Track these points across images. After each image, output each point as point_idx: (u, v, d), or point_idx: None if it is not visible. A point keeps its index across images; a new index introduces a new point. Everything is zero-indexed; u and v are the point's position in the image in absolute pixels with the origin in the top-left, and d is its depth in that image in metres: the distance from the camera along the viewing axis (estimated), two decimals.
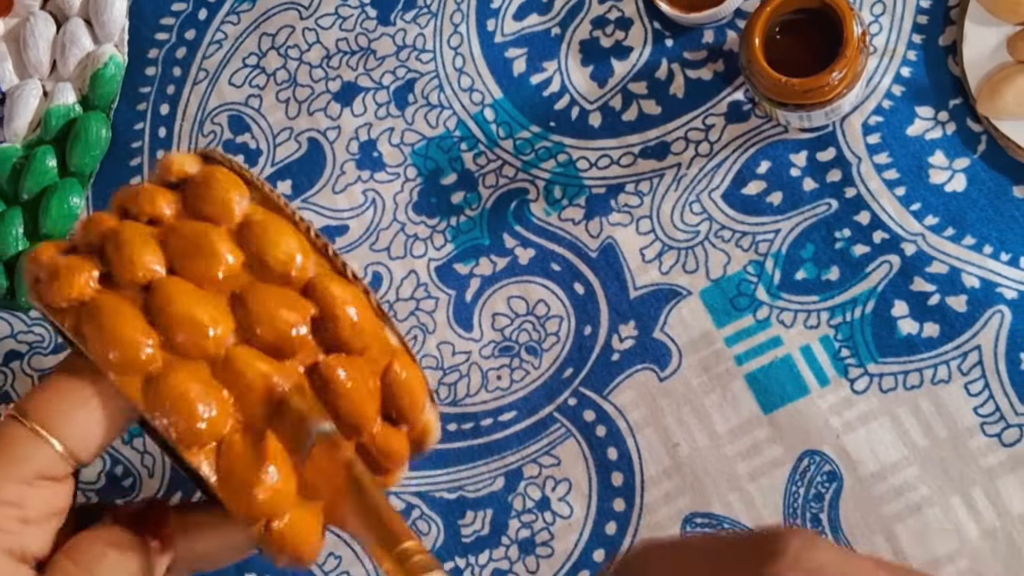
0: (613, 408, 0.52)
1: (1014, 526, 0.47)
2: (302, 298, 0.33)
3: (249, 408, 0.32)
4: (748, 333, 0.51)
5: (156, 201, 0.34)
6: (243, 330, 0.32)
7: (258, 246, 0.33)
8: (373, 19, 0.59)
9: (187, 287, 0.32)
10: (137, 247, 0.32)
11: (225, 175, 0.34)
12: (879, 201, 0.51)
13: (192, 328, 0.31)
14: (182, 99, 0.61)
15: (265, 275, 0.33)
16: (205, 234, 0.33)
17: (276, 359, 0.32)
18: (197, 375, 0.31)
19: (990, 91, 0.49)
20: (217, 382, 0.32)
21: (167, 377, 0.31)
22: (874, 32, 0.52)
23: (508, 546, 0.53)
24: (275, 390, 0.31)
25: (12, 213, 0.60)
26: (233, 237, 0.33)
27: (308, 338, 0.33)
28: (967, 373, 0.49)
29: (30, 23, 0.62)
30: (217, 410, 0.31)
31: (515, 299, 0.54)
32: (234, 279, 0.33)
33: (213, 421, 0.31)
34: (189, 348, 0.31)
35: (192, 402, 0.31)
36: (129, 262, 0.32)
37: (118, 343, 0.31)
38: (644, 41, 0.55)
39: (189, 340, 0.31)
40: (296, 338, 0.32)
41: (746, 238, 0.52)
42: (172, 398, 0.31)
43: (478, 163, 0.56)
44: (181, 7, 0.62)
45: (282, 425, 0.32)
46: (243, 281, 0.33)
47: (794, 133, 0.52)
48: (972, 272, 0.49)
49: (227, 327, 0.32)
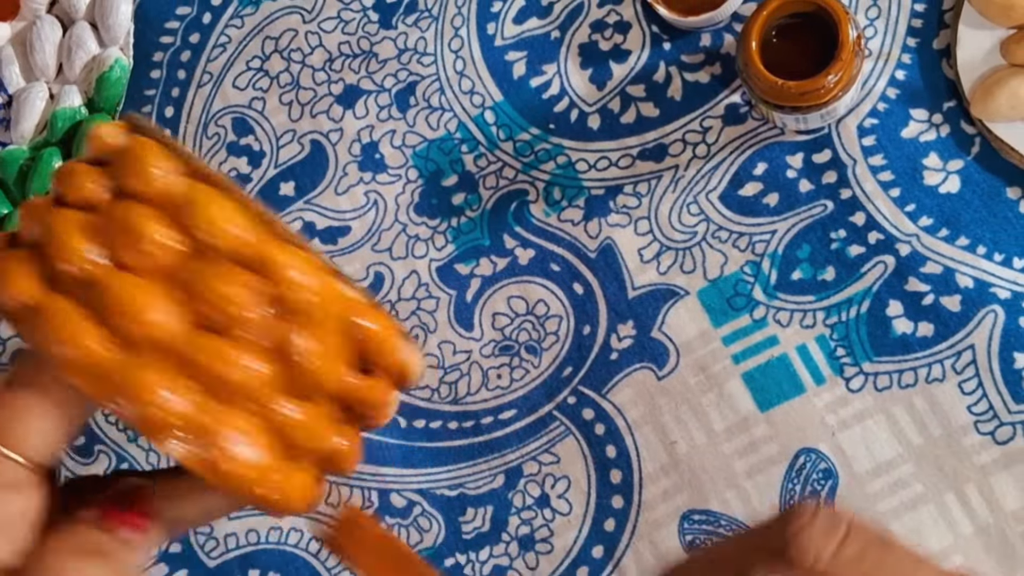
0: (612, 406, 0.52)
1: (1007, 523, 0.47)
2: (245, 271, 0.31)
3: (211, 386, 0.31)
4: (745, 332, 0.51)
5: (83, 184, 0.31)
6: (191, 312, 0.31)
7: (191, 221, 0.31)
8: (375, 23, 0.59)
9: (127, 278, 0.31)
10: (66, 240, 0.31)
11: (144, 147, 0.32)
12: (874, 202, 0.51)
13: (137, 318, 0.31)
14: (187, 102, 0.61)
15: (203, 251, 0.31)
16: (135, 215, 0.31)
17: (229, 336, 0.31)
18: (151, 364, 0.31)
19: (983, 94, 0.49)
20: (173, 366, 0.31)
21: (122, 370, 0.31)
22: (869, 36, 0.52)
23: (508, 542, 0.53)
24: (234, 372, 0.31)
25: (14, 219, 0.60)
26: (165, 214, 0.31)
27: (258, 311, 0.31)
28: (961, 372, 0.49)
29: (37, 27, 0.62)
30: (176, 395, 0.31)
31: (515, 299, 0.54)
32: (172, 259, 0.31)
33: (173, 406, 0.31)
34: (138, 338, 0.31)
35: (151, 391, 0.30)
36: (61, 258, 0.31)
37: (67, 344, 0.30)
38: (642, 44, 0.55)
39: (137, 331, 0.31)
40: (245, 314, 0.31)
41: (743, 239, 0.52)
42: (130, 389, 0.30)
43: (479, 165, 0.56)
44: (186, 11, 0.62)
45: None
46: (182, 261, 0.31)
47: (790, 135, 0.52)
48: (966, 272, 0.49)
49: (173, 312, 0.31)
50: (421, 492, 0.54)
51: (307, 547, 0.55)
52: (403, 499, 0.54)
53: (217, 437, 0.31)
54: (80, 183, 0.31)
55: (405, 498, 0.54)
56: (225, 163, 0.60)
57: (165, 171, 0.31)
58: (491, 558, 0.53)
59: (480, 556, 0.53)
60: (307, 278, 0.32)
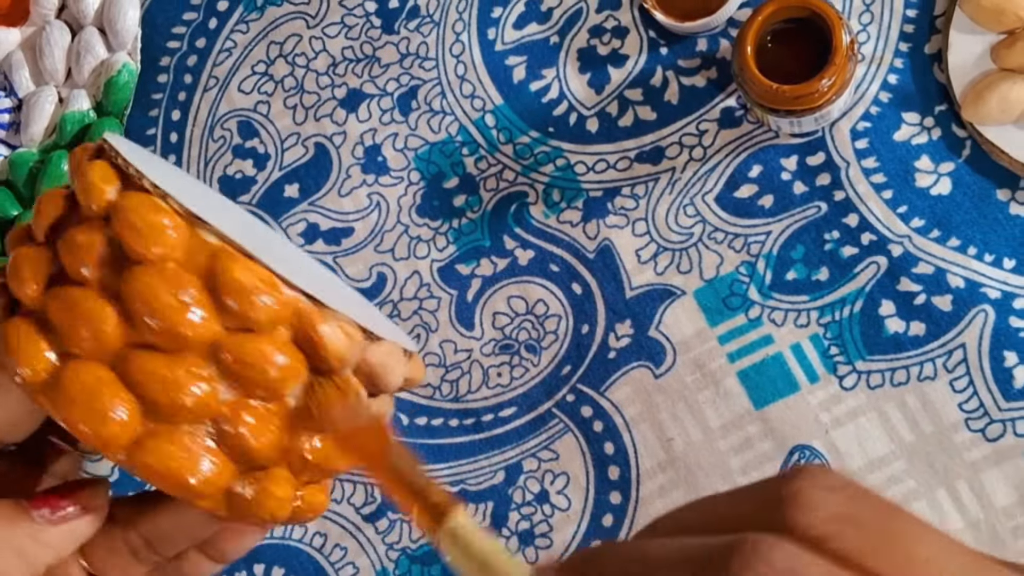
0: (610, 404, 0.52)
1: (997, 518, 0.47)
2: (184, 274, 0.29)
3: (155, 405, 0.30)
4: (740, 332, 0.51)
5: (86, 256, 0.29)
6: (135, 330, 0.29)
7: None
8: (378, 28, 0.59)
9: (72, 292, 0.29)
10: (24, 274, 0.30)
11: (141, 209, 0.29)
12: (867, 204, 0.51)
13: (85, 331, 0.29)
14: (193, 105, 0.61)
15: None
16: (151, 291, 0.29)
17: (173, 350, 0.29)
18: (99, 380, 0.29)
19: (974, 98, 0.49)
20: (123, 385, 0.30)
21: (66, 385, 0.30)
22: (862, 40, 0.52)
23: (508, 537, 0.53)
24: (180, 387, 0.30)
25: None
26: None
27: (200, 320, 0.29)
28: (952, 370, 0.49)
29: (46, 32, 0.62)
30: (126, 413, 0.30)
31: (515, 299, 0.54)
32: (108, 274, 0.29)
33: (124, 424, 0.30)
34: (88, 352, 0.30)
35: (102, 409, 0.29)
36: (18, 286, 0.30)
37: (23, 363, 0.30)
38: (640, 49, 0.55)
39: (85, 345, 0.29)
40: (186, 322, 0.29)
41: (738, 240, 0.52)
42: (82, 408, 0.29)
43: (479, 167, 0.56)
44: (192, 16, 0.62)
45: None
46: (116, 274, 0.29)
47: (785, 138, 0.52)
48: (957, 272, 0.49)
49: (114, 326, 0.29)
50: None
51: (311, 542, 0.55)
52: None
53: (179, 456, 0.30)
54: (81, 256, 0.29)
55: None
56: (231, 165, 0.60)
57: (168, 242, 0.29)
58: None
59: None
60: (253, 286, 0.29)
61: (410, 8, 0.59)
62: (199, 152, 0.61)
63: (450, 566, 0.27)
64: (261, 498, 0.31)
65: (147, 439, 0.29)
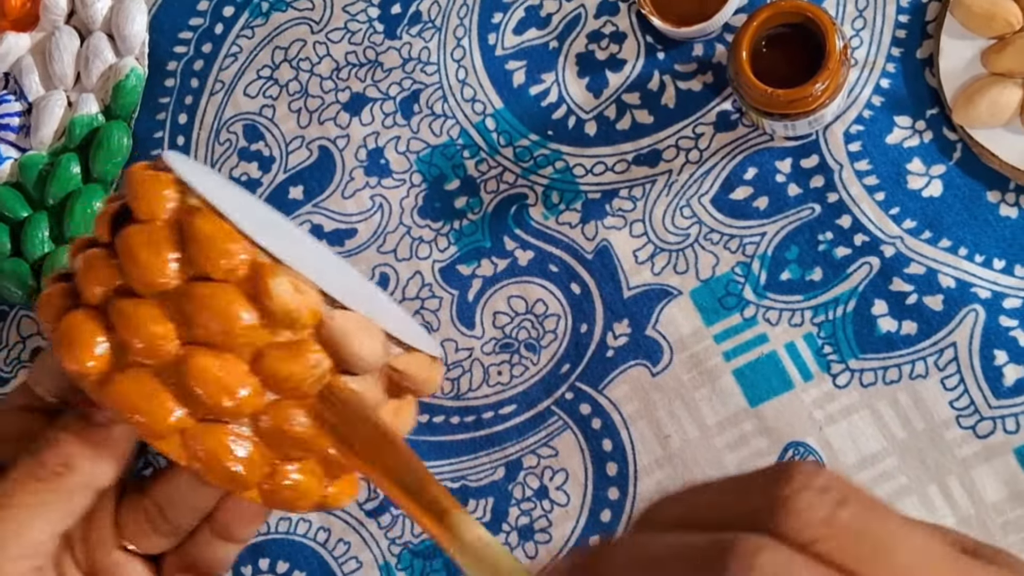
0: (608, 402, 0.52)
1: (988, 514, 0.47)
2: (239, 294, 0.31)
3: (205, 403, 0.31)
4: (736, 331, 0.51)
5: (163, 271, 0.31)
6: (187, 328, 0.31)
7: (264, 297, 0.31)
8: (380, 33, 0.59)
9: (133, 303, 0.31)
10: (93, 275, 0.32)
11: (212, 229, 0.32)
12: (860, 206, 0.51)
13: (145, 336, 0.31)
14: (199, 109, 0.61)
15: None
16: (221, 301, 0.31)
17: (224, 350, 0.31)
18: (145, 379, 0.31)
19: (965, 101, 0.49)
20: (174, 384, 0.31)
21: (118, 382, 0.31)
22: (855, 45, 0.52)
23: (508, 532, 0.53)
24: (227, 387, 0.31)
25: (38, 217, 0.60)
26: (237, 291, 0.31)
27: (249, 324, 0.31)
28: (943, 369, 0.49)
29: (55, 37, 0.62)
30: (181, 412, 0.31)
31: (515, 298, 0.55)
32: (175, 285, 0.31)
33: (177, 419, 0.31)
34: (143, 355, 0.31)
35: (156, 406, 0.30)
36: (144, 351, 0.31)
37: (75, 358, 0.31)
38: (637, 54, 0.55)
39: (140, 345, 0.31)
40: (240, 326, 0.31)
41: (734, 241, 0.52)
42: (128, 399, 0.30)
43: (480, 170, 0.56)
44: (198, 22, 0.62)
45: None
46: (180, 286, 0.31)
47: (779, 141, 0.52)
48: (948, 273, 0.49)
49: (170, 331, 0.31)
50: None
51: (315, 537, 0.55)
52: None
53: (220, 445, 0.31)
54: (157, 272, 0.31)
55: None
56: (236, 168, 0.60)
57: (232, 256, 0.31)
58: None
59: None
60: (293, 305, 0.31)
61: (412, 14, 0.59)
62: (205, 155, 0.61)
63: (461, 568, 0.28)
64: (292, 488, 0.33)
65: (196, 431, 0.31)
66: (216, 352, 0.31)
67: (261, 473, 0.32)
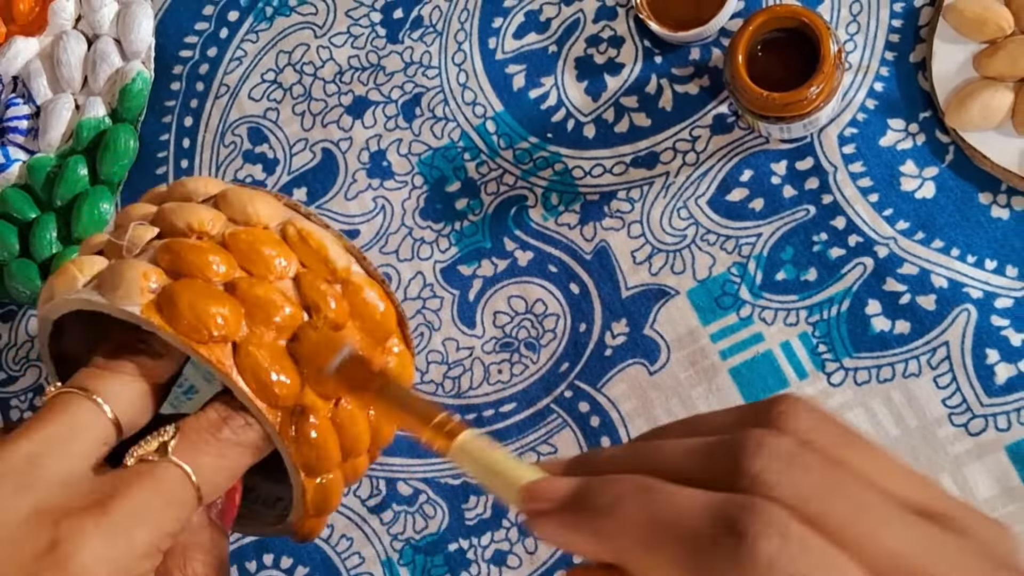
0: (606, 400, 0.53)
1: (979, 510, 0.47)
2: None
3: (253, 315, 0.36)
4: (732, 330, 0.52)
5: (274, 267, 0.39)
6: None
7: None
8: (383, 37, 0.59)
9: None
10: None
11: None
12: (854, 207, 0.51)
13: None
14: (205, 112, 0.62)
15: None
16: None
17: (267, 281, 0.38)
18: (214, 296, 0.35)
19: (957, 105, 0.49)
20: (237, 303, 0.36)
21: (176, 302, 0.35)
22: (849, 50, 0.52)
23: (508, 528, 0.53)
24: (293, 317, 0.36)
25: (46, 218, 0.60)
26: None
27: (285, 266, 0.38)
28: (936, 367, 0.49)
29: (63, 41, 0.62)
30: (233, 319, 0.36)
31: (515, 298, 0.55)
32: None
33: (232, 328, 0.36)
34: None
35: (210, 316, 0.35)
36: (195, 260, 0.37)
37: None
38: (635, 58, 0.55)
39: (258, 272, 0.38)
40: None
41: (730, 241, 0.52)
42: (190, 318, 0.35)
43: (480, 172, 0.56)
44: (204, 27, 0.63)
45: (306, 351, 0.36)
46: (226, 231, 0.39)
47: (775, 144, 0.53)
48: (940, 273, 0.50)
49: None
50: (426, 481, 0.54)
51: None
52: (409, 487, 0.54)
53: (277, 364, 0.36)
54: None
55: (411, 486, 0.54)
56: (241, 170, 0.60)
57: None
58: (492, 543, 0.53)
59: (482, 541, 0.53)
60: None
61: (414, 19, 0.59)
62: (211, 157, 0.61)
63: (466, 476, 0.29)
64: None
65: (242, 344, 0.36)
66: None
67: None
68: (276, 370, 0.35)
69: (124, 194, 0.62)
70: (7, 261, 0.60)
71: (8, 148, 0.62)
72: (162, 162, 0.61)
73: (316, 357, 0.35)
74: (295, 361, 0.36)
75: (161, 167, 0.61)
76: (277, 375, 0.34)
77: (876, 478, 0.22)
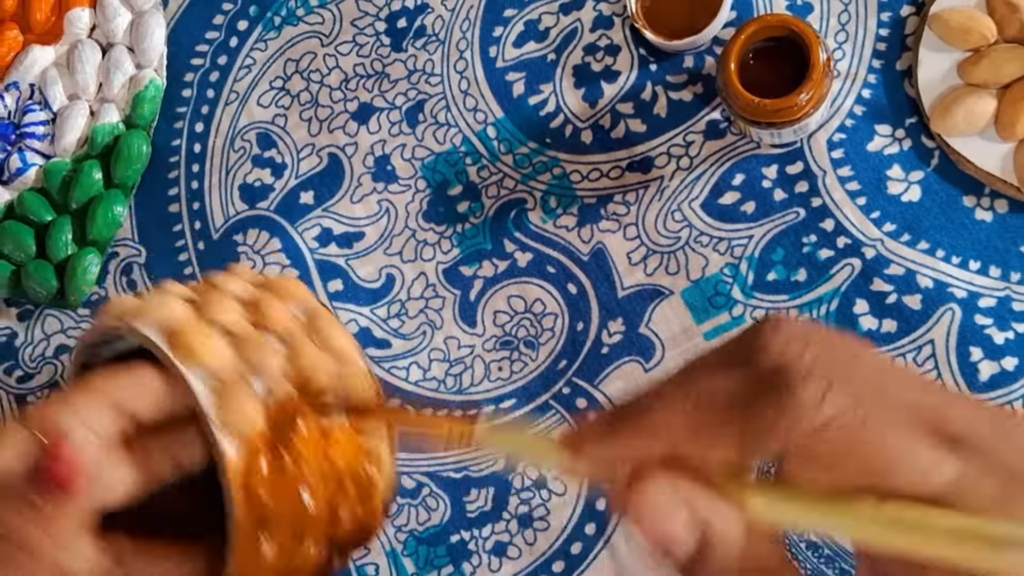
0: (603, 396, 0.53)
1: None
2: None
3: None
4: (724, 329, 0.52)
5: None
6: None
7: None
8: (387, 46, 0.60)
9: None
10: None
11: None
12: (842, 210, 0.51)
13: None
14: (215, 118, 0.62)
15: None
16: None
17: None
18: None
19: (942, 111, 0.49)
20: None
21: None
22: (838, 58, 0.53)
23: (508, 520, 0.53)
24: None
25: (62, 221, 0.61)
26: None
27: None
28: (922, 364, 0.49)
29: (78, 50, 0.63)
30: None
31: (514, 298, 0.55)
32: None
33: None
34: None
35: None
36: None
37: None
38: (631, 66, 0.56)
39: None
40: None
41: (722, 243, 0.52)
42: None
43: (481, 176, 0.57)
44: (214, 36, 0.63)
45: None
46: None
47: (766, 149, 0.53)
48: (926, 274, 0.50)
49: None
50: (429, 474, 0.54)
51: None
52: (412, 481, 0.55)
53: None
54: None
55: (414, 480, 0.55)
56: (250, 174, 0.60)
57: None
58: (493, 535, 0.53)
59: (483, 533, 0.53)
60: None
61: (417, 28, 0.59)
62: (221, 162, 0.61)
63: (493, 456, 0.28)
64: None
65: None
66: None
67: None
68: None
69: (137, 197, 0.62)
70: (24, 262, 0.61)
71: (25, 153, 0.62)
72: (174, 166, 0.62)
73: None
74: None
75: (173, 171, 0.62)
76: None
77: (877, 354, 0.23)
